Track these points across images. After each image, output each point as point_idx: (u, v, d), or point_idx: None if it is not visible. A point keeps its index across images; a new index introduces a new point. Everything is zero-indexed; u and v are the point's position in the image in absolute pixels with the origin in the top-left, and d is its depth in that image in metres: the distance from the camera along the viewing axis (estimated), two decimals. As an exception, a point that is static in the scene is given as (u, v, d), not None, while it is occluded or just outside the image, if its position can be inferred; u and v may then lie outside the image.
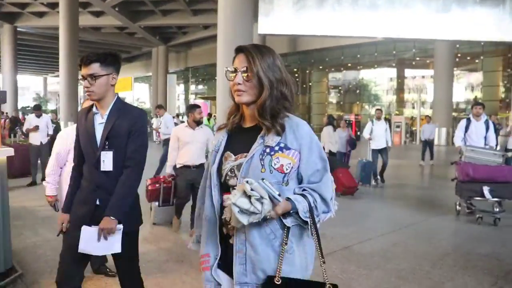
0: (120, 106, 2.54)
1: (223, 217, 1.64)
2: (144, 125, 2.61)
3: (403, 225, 6.14)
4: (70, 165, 3.16)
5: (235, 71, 1.62)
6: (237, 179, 1.60)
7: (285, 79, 1.65)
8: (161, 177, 5.90)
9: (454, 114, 26.43)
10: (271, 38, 15.45)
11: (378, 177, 9.65)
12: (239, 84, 1.61)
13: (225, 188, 1.67)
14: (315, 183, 1.60)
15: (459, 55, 26.56)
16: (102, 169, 2.45)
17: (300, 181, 1.63)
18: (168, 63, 39.93)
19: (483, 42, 19.71)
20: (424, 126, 14.61)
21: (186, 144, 5.30)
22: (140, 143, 2.52)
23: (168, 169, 5.56)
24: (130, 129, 2.48)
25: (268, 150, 1.57)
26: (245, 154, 1.62)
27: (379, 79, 33.39)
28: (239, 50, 1.65)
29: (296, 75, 36.41)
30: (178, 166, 5.42)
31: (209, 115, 18.07)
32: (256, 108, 1.61)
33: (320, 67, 36.54)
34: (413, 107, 30.46)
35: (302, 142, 1.59)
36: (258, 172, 1.55)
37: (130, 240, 2.52)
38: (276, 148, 1.57)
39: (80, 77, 2.54)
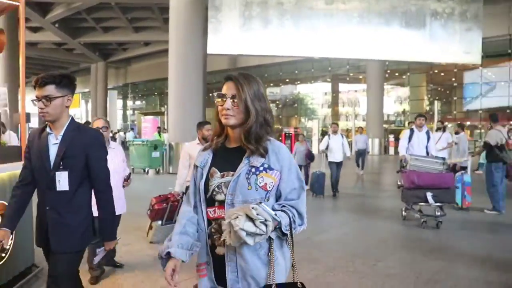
0: (75, 127, 2.57)
1: (208, 230, 1.83)
2: (103, 145, 2.70)
3: (354, 229, 6.97)
4: None
5: (224, 96, 1.78)
6: (224, 195, 1.77)
7: (267, 108, 1.84)
8: (169, 195, 5.72)
9: (385, 125, 28.70)
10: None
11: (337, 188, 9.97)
12: (228, 109, 1.76)
13: (210, 202, 1.82)
14: (293, 200, 1.80)
15: (388, 71, 28.97)
16: (58, 189, 2.48)
17: (278, 197, 1.82)
18: (108, 79, 39.70)
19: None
20: (357, 137, 15.49)
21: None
22: (103, 164, 2.65)
23: (177, 187, 5.33)
24: (88, 151, 2.54)
25: (253, 170, 1.75)
26: (231, 172, 1.78)
27: (315, 94, 35.32)
28: (228, 78, 1.82)
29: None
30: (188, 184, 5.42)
31: (159, 128, 18.56)
32: (243, 133, 1.78)
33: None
34: (347, 120, 32.54)
35: (283, 164, 1.79)
36: (245, 189, 1.73)
37: (65, 261, 2.57)
38: (261, 168, 1.75)
39: (34, 98, 2.51)
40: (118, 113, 46.60)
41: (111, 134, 4.60)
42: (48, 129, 2.54)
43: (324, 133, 30.97)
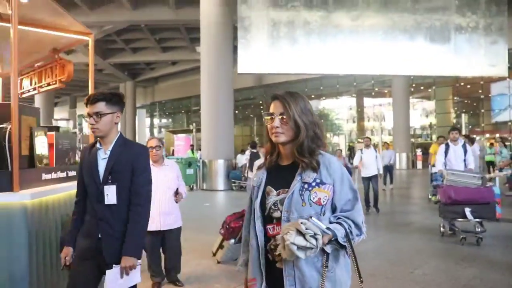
0: (122, 142, 2.68)
1: (268, 247, 1.87)
2: (147, 161, 2.79)
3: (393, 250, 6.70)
4: None
5: (272, 115, 1.85)
6: (280, 212, 1.81)
7: (316, 121, 1.88)
8: (242, 211, 5.62)
9: (412, 139, 28.73)
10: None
11: (372, 205, 9.75)
12: (277, 127, 1.83)
13: (268, 220, 1.87)
14: (348, 211, 1.83)
15: (413, 85, 29.13)
16: (106, 202, 2.57)
17: (333, 209, 1.84)
18: (136, 98, 40.89)
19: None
20: (384, 152, 15.43)
21: None
22: (146, 179, 2.69)
23: None
24: (133, 165, 2.63)
25: (306, 186, 1.79)
26: (286, 189, 1.83)
27: (341, 109, 35.59)
28: (275, 97, 1.89)
29: (262, 107, 38.17)
30: None
31: (192, 146, 19.17)
32: (296, 148, 1.83)
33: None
34: (373, 134, 32.65)
35: (335, 177, 1.82)
36: (300, 206, 1.77)
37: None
38: (313, 184, 1.79)
39: (85, 114, 2.63)
40: (146, 131, 47.79)
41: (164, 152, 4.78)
42: (98, 145, 2.66)
43: (350, 149, 31.26)
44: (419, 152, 27.28)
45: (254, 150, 12.02)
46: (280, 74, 22.33)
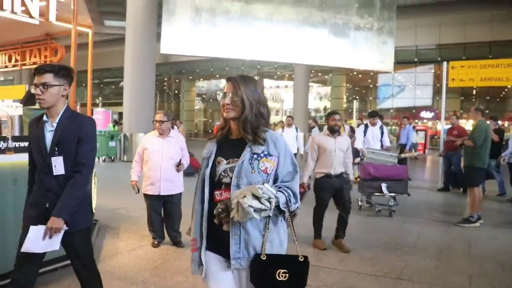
0: (69, 114, 2.70)
1: (215, 211, 2.07)
2: (93, 131, 2.78)
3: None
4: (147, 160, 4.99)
5: (225, 94, 2.08)
6: (230, 178, 2.03)
7: (262, 102, 2.11)
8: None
9: (309, 121, 31.76)
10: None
11: None
12: (228, 104, 2.05)
13: (217, 185, 2.08)
14: (288, 181, 2.06)
15: (313, 71, 32.04)
16: (54, 173, 2.61)
17: (275, 179, 2.07)
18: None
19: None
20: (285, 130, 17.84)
21: (329, 152, 5.28)
22: (89, 148, 2.71)
23: (305, 179, 5.35)
24: (79, 135, 2.65)
25: (255, 156, 2.02)
26: (236, 159, 2.04)
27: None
28: (228, 79, 2.13)
29: (165, 84, 38.87)
30: (318, 176, 5.38)
31: (115, 121, 19.74)
32: (241, 123, 2.05)
33: (190, 77, 39.67)
34: (276, 114, 35.31)
35: (280, 151, 2.07)
36: (249, 173, 2.00)
37: (83, 238, 2.79)
38: (262, 154, 2.03)
39: (32, 85, 2.66)
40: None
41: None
42: (44, 117, 2.68)
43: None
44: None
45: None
46: (201, 56, 23.48)
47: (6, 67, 6.81)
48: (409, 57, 29.66)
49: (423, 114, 30.27)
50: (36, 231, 2.54)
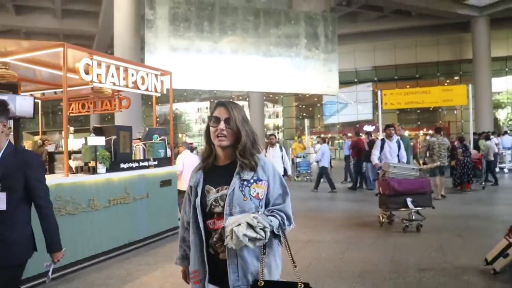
0: (12, 149, 2.73)
1: (210, 240, 2.08)
2: (39, 166, 2.86)
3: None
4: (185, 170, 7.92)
5: (218, 120, 2.06)
6: (221, 207, 2.04)
7: (253, 130, 2.16)
8: None
9: (266, 140, 35.66)
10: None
11: None
12: (222, 130, 2.05)
13: (209, 215, 2.09)
14: (279, 204, 2.10)
15: (265, 93, 36.09)
16: None
17: (267, 203, 2.10)
18: None
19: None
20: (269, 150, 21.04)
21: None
22: (43, 181, 2.82)
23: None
24: (26, 172, 2.70)
25: (245, 183, 2.04)
26: (225, 186, 2.06)
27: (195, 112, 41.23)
28: (220, 104, 2.11)
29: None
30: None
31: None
32: (239, 151, 2.06)
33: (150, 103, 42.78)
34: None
35: (269, 174, 2.11)
36: (241, 200, 2.02)
37: (16, 273, 2.80)
38: (251, 180, 2.05)
39: None
40: None
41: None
42: None
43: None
44: (271, 149, 34.35)
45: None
46: (177, 89, 26.76)
47: (79, 112, 9.89)
48: (350, 78, 34.50)
49: (366, 128, 35.01)
50: (50, 268, 2.93)
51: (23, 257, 2.76)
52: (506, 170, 17.77)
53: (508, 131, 23.27)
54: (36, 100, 8.58)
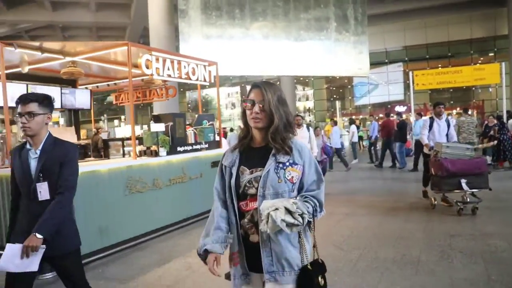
0: (52, 141, 2.85)
1: (242, 222, 2.10)
2: (75, 155, 2.92)
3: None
4: None
5: (253, 102, 2.05)
6: (255, 189, 2.04)
7: (289, 111, 2.11)
8: None
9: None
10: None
11: None
12: (257, 113, 2.03)
13: (242, 197, 2.09)
14: (314, 190, 2.08)
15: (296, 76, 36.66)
16: (40, 199, 2.73)
17: (300, 188, 2.09)
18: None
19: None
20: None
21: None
22: (70, 172, 2.83)
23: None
24: (62, 160, 2.79)
25: (281, 165, 2.03)
26: (259, 168, 2.06)
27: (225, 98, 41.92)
28: (255, 86, 2.09)
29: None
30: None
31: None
32: (270, 134, 2.04)
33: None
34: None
35: (305, 160, 2.09)
36: (276, 182, 2.01)
37: (74, 259, 2.92)
38: (287, 163, 2.03)
39: (17, 114, 2.79)
40: None
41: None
42: (27, 145, 2.83)
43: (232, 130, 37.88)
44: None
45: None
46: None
47: (128, 102, 10.74)
48: (380, 59, 34.60)
49: (397, 108, 35.13)
50: (12, 249, 2.59)
51: (76, 243, 2.94)
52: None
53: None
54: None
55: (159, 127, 6.71)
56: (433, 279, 4.17)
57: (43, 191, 2.73)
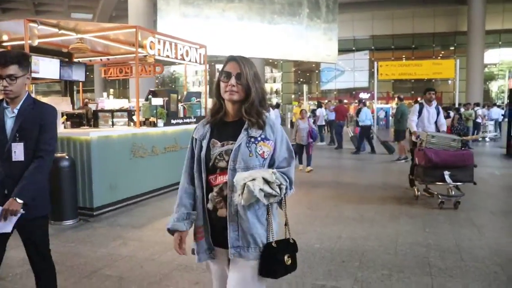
0: (31, 101, 2.77)
1: (211, 196, 2.07)
2: (54, 119, 2.84)
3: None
4: None
5: (229, 75, 2.02)
6: (226, 162, 2.01)
7: (263, 87, 2.12)
8: None
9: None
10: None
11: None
12: (233, 85, 2.00)
13: (211, 170, 2.06)
14: (284, 168, 2.07)
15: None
16: (14, 159, 2.66)
17: (270, 165, 2.07)
18: None
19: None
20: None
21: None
22: (50, 136, 2.77)
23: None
24: (41, 123, 2.72)
25: (252, 139, 2.01)
26: (231, 142, 2.03)
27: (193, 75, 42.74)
28: (232, 58, 2.06)
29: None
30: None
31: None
32: (245, 107, 2.03)
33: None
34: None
35: (277, 136, 2.07)
36: (247, 156, 1.99)
37: (41, 225, 2.86)
38: (259, 138, 2.01)
39: None
40: None
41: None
42: (4, 104, 2.74)
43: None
44: (270, 113, 36.47)
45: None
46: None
47: (117, 76, 11.61)
48: (348, 47, 36.17)
49: (361, 95, 36.89)
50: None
51: (45, 208, 2.87)
52: (487, 140, 19.50)
53: (498, 103, 25.12)
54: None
55: (158, 101, 7.75)
56: (384, 231, 5.48)
57: (18, 151, 2.67)
